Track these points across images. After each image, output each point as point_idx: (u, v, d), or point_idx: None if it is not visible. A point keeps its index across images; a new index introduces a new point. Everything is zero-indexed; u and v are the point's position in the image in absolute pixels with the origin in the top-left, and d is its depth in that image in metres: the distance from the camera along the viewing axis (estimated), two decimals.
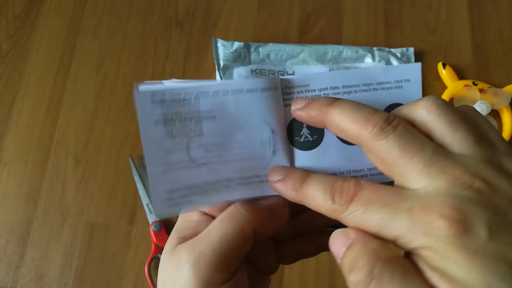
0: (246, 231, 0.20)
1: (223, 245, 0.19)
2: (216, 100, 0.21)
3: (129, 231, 0.53)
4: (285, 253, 0.26)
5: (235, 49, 0.58)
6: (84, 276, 0.52)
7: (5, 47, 0.62)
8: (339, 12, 0.63)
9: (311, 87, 0.23)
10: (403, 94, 0.23)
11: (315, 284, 0.51)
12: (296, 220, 0.26)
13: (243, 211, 0.20)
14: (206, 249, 0.19)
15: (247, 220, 0.20)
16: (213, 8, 0.64)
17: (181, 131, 0.21)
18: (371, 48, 0.58)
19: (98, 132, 0.57)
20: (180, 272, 0.19)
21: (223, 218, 0.20)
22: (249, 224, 0.20)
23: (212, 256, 0.19)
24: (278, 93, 0.22)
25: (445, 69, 0.58)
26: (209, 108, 0.21)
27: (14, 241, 0.53)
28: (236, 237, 0.20)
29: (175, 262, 0.20)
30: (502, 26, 0.62)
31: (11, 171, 0.56)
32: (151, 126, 0.20)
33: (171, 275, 0.20)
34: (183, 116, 0.21)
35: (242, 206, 0.20)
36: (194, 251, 0.19)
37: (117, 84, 0.59)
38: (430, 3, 0.63)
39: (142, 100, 0.20)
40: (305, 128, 0.23)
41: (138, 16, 0.63)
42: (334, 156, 0.23)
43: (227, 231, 0.20)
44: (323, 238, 0.25)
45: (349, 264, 0.17)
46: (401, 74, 0.23)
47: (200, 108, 0.21)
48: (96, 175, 0.55)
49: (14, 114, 0.58)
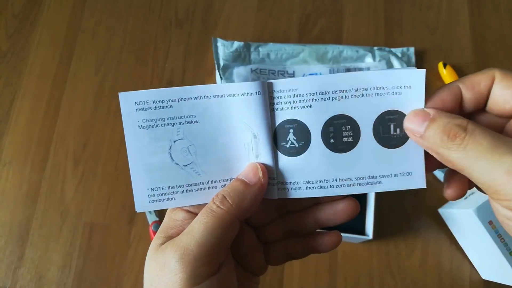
0: (226, 222, 0.21)
1: (206, 238, 0.20)
2: (198, 105, 0.22)
3: (128, 231, 0.53)
4: (273, 254, 0.26)
5: (235, 49, 0.58)
6: (83, 276, 0.52)
7: (5, 47, 0.61)
8: (339, 11, 0.63)
9: (299, 92, 0.23)
10: (401, 101, 0.22)
11: (315, 284, 0.51)
12: (284, 220, 0.26)
13: (220, 204, 0.21)
14: (190, 243, 0.20)
15: (225, 210, 0.21)
16: (213, 8, 0.63)
17: (164, 134, 0.22)
18: (372, 48, 0.58)
19: (97, 132, 0.57)
20: (166, 268, 0.20)
21: (203, 212, 0.21)
22: (228, 214, 0.21)
23: (197, 250, 0.20)
24: (261, 98, 0.22)
25: (445, 68, 0.58)
26: (192, 113, 0.22)
27: (13, 242, 0.53)
28: (217, 228, 0.20)
29: (161, 259, 0.20)
30: (502, 26, 0.62)
31: (10, 171, 0.56)
32: (134, 131, 0.22)
33: (158, 272, 0.20)
34: (166, 121, 0.22)
35: (218, 199, 0.21)
36: (179, 247, 0.20)
37: (116, 84, 0.59)
38: (431, 2, 0.63)
39: (126, 108, 0.22)
40: (291, 134, 0.23)
41: (138, 16, 0.63)
42: (320, 163, 0.23)
43: (208, 225, 0.20)
44: (312, 240, 0.25)
45: (438, 129, 0.19)
46: (401, 80, 0.22)
47: (182, 113, 0.22)
48: (95, 175, 0.55)
49: (14, 114, 0.58)
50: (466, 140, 0.18)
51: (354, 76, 0.22)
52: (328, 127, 0.23)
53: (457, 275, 0.51)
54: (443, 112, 0.20)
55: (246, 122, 0.23)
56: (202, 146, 0.23)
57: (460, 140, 0.19)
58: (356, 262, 0.52)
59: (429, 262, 0.52)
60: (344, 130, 0.23)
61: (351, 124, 0.23)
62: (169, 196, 0.23)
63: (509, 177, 0.17)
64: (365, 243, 0.52)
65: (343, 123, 0.23)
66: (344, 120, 0.23)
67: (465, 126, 0.19)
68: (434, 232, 0.53)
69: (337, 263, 0.52)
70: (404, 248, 0.52)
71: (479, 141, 0.18)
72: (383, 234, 0.52)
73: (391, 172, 0.23)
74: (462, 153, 0.18)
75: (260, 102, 0.22)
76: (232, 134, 0.23)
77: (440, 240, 0.52)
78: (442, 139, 0.19)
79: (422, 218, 0.53)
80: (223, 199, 0.21)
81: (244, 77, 0.55)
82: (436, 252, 0.52)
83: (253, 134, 0.23)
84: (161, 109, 0.22)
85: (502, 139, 0.18)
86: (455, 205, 0.49)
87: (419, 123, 0.20)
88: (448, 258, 0.52)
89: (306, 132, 0.23)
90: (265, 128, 0.23)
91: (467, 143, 0.18)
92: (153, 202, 0.23)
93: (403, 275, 0.51)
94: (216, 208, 0.21)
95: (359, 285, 0.51)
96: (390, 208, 0.53)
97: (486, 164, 0.18)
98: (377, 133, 0.22)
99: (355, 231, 0.49)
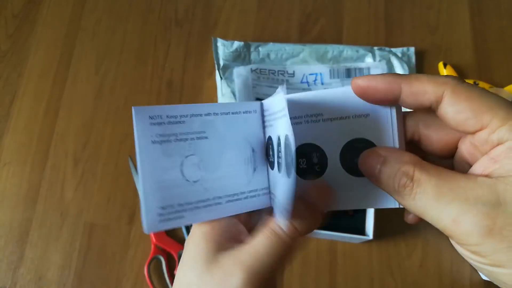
0: (289, 245, 0.20)
1: (271, 261, 0.20)
2: (208, 121, 0.23)
3: (128, 231, 0.53)
4: None
5: (235, 49, 0.57)
6: (83, 276, 0.52)
7: (4, 46, 0.61)
8: (339, 11, 0.63)
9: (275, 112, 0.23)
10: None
11: (315, 284, 0.51)
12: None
13: (287, 231, 0.20)
14: (257, 266, 0.19)
15: (289, 235, 0.20)
16: (213, 8, 0.63)
17: (176, 150, 0.22)
18: (372, 48, 0.58)
19: (97, 132, 0.57)
20: (227, 285, 0.19)
21: (267, 235, 0.20)
22: (291, 238, 0.20)
23: (264, 273, 0.19)
24: (257, 116, 0.24)
25: (446, 68, 0.58)
26: (202, 129, 0.23)
27: (13, 242, 0.53)
28: (281, 252, 0.20)
29: (220, 275, 0.19)
30: (502, 26, 0.62)
31: (10, 171, 0.56)
32: (148, 146, 0.21)
33: (213, 286, 0.19)
34: (179, 136, 0.22)
35: (286, 226, 0.20)
36: (245, 267, 0.19)
37: (116, 84, 0.59)
38: (431, 2, 0.63)
39: (140, 122, 0.21)
40: (275, 150, 0.23)
41: (138, 15, 0.63)
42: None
43: (273, 249, 0.20)
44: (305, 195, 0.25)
45: (390, 176, 0.19)
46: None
47: (194, 129, 0.22)
48: (95, 175, 0.55)
49: (13, 114, 0.58)
50: (414, 190, 0.19)
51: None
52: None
53: (457, 275, 0.51)
54: (393, 152, 0.20)
55: (247, 137, 0.24)
56: (210, 161, 0.23)
57: (409, 191, 0.19)
58: (356, 262, 0.52)
59: (429, 262, 0.52)
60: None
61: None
62: (178, 215, 0.22)
63: (456, 225, 0.17)
64: (365, 243, 0.52)
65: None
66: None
67: (411, 176, 0.19)
68: (434, 232, 0.53)
69: (337, 263, 0.52)
70: (404, 248, 0.52)
71: (426, 191, 0.18)
72: (383, 234, 0.52)
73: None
74: (413, 203, 0.19)
75: (258, 119, 0.24)
76: (236, 149, 0.23)
77: (440, 240, 0.52)
78: (394, 188, 0.19)
79: None
80: (291, 227, 0.21)
81: (244, 77, 0.55)
82: (436, 252, 0.52)
83: (252, 148, 0.24)
84: (174, 124, 0.22)
85: (448, 184, 0.18)
86: None
87: (372, 166, 0.20)
88: (448, 258, 0.52)
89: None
90: (260, 143, 0.24)
91: (415, 193, 0.19)
92: (163, 221, 0.22)
93: (403, 275, 0.51)
94: (283, 235, 0.20)
95: (359, 285, 0.51)
96: (390, 208, 0.53)
97: (435, 214, 0.18)
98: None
99: (355, 231, 0.49)
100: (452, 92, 0.18)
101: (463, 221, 0.17)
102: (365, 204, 0.22)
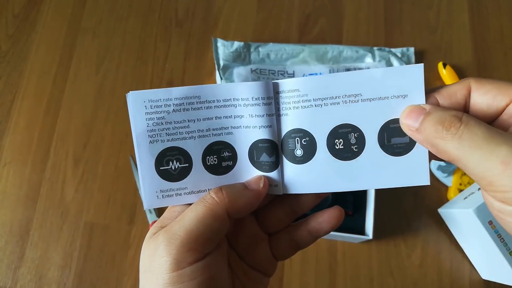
0: (217, 213, 0.21)
1: (194, 226, 0.21)
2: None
3: (128, 231, 0.53)
4: (279, 245, 0.26)
5: (235, 49, 0.58)
6: (83, 276, 0.52)
7: (5, 46, 0.61)
8: (339, 12, 0.63)
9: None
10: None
11: (315, 284, 0.51)
12: (282, 204, 0.26)
13: (214, 195, 0.22)
14: (179, 230, 0.21)
15: (218, 202, 0.22)
16: (213, 8, 0.63)
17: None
18: (371, 48, 0.58)
19: (98, 132, 0.57)
20: (156, 253, 0.21)
21: (197, 202, 0.22)
22: (220, 206, 0.22)
23: (184, 236, 0.21)
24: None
25: (445, 68, 0.58)
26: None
27: (13, 241, 0.53)
28: (207, 218, 0.21)
29: (153, 245, 0.21)
30: (502, 26, 0.62)
31: (10, 171, 0.56)
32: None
33: (149, 257, 0.21)
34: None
35: (214, 190, 0.22)
36: (169, 232, 0.21)
37: (116, 84, 0.59)
38: (431, 3, 0.63)
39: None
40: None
41: (138, 16, 0.63)
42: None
43: (198, 213, 0.21)
44: (313, 220, 0.25)
45: (433, 121, 0.20)
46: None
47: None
48: (95, 175, 0.55)
49: (14, 114, 0.58)
50: (461, 130, 0.19)
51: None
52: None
53: (457, 275, 0.51)
54: (438, 107, 0.21)
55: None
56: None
57: (455, 130, 0.19)
58: (356, 262, 0.52)
59: (429, 262, 0.52)
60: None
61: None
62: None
63: (504, 167, 0.17)
64: (365, 243, 0.52)
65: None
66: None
67: (460, 117, 0.19)
68: (434, 232, 0.53)
69: (337, 263, 0.52)
70: (404, 248, 0.52)
71: (474, 131, 0.18)
72: (383, 234, 0.52)
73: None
74: (457, 143, 0.18)
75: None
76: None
77: (440, 240, 0.52)
78: (437, 130, 0.19)
79: (422, 218, 0.53)
80: (218, 191, 0.22)
81: (244, 77, 0.55)
82: (436, 252, 0.52)
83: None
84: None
85: (497, 130, 0.18)
86: (455, 205, 0.49)
87: (415, 118, 0.21)
88: (448, 258, 0.52)
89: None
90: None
91: (462, 132, 0.18)
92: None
93: (403, 275, 0.51)
94: (209, 198, 0.22)
95: (358, 284, 0.51)
96: (390, 208, 0.53)
97: (481, 154, 0.18)
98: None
99: (355, 231, 0.49)
100: (475, 81, 0.21)
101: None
102: (400, 182, 0.23)
